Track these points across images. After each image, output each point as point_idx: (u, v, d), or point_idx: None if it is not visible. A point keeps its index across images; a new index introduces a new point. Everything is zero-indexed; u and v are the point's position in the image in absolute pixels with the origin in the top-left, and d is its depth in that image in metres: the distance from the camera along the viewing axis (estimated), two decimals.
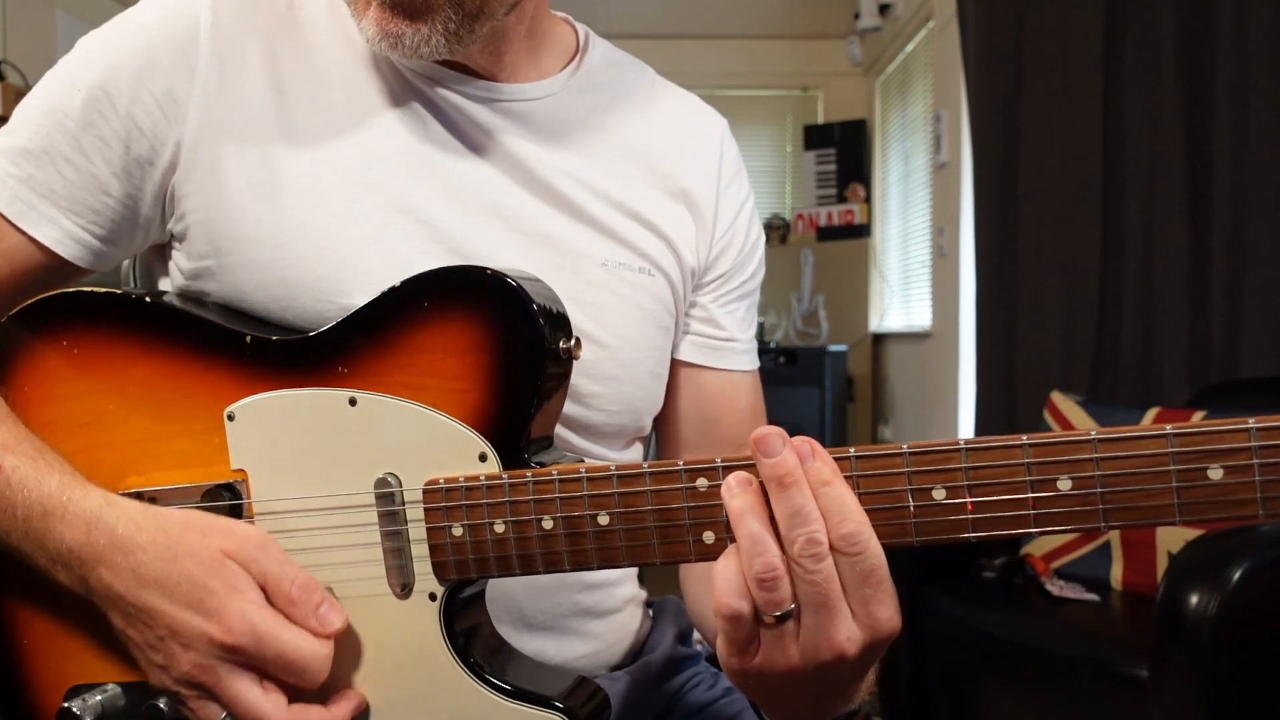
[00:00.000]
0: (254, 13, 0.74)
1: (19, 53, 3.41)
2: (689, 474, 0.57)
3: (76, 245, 0.73)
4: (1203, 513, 0.50)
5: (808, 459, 0.53)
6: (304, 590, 0.61)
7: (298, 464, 0.65)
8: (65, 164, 0.71)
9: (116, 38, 0.73)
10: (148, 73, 0.71)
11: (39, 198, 0.71)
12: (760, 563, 0.52)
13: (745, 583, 0.53)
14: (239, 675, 0.60)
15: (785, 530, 0.52)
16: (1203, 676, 1.49)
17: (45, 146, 0.71)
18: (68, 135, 0.71)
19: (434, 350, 0.64)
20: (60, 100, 0.71)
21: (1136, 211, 2.71)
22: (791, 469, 0.52)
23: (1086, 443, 0.51)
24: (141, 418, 0.68)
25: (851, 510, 0.52)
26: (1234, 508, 0.50)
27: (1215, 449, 0.49)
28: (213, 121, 0.72)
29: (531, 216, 0.77)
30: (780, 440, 0.53)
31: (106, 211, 0.73)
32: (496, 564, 0.62)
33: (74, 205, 0.72)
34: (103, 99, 0.71)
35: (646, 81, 0.89)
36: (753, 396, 0.90)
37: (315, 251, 0.72)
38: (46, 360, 0.70)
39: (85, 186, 0.72)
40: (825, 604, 0.52)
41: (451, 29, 0.69)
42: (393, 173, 0.74)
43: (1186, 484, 0.50)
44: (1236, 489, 0.49)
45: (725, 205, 0.87)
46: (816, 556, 0.51)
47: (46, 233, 0.72)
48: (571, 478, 0.60)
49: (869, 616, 0.52)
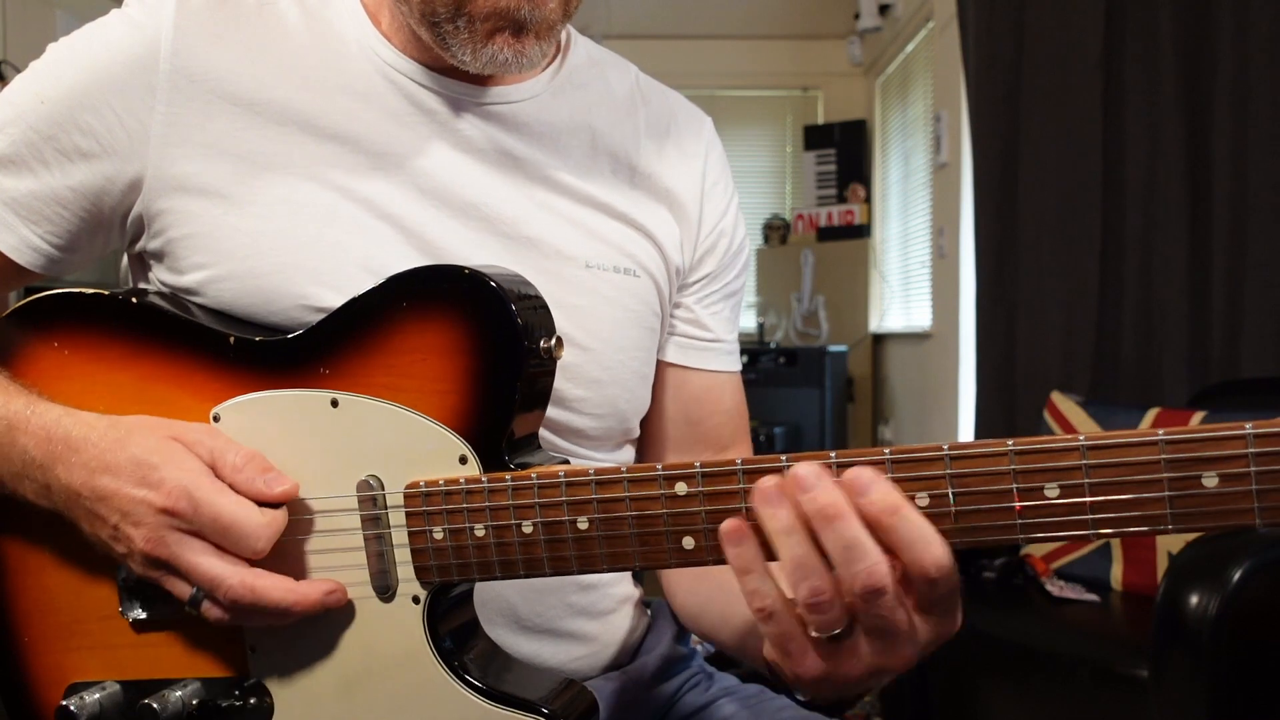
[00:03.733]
0: (222, 23, 0.73)
1: (19, 53, 3.40)
2: (667, 479, 0.56)
3: (33, 253, 0.74)
4: (1197, 521, 0.48)
5: (865, 491, 0.49)
6: (248, 459, 0.62)
7: (282, 465, 0.65)
8: (26, 174, 0.72)
9: (83, 51, 0.73)
10: (110, 89, 0.71)
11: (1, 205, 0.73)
12: (808, 587, 0.49)
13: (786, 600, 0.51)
14: (190, 541, 0.61)
15: (840, 566, 0.49)
16: (1203, 676, 1.49)
17: (9, 155, 0.72)
18: (30, 146, 0.72)
19: (414, 351, 0.64)
20: (25, 110, 0.72)
21: (1136, 211, 2.71)
22: (833, 501, 0.49)
23: (1074, 449, 0.49)
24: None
25: (932, 537, 0.49)
26: (1230, 516, 0.47)
27: (1210, 455, 0.47)
28: (179, 138, 0.71)
29: (512, 218, 0.77)
30: (815, 475, 0.50)
31: (62, 223, 0.74)
32: (478, 568, 0.61)
33: (32, 215, 0.73)
34: (64, 114, 0.71)
35: (630, 81, 0.88)
36: (737, 397, 0.90)
37: (292, 258, 0.71)
38: (38, 362, 0.70)
39: (43, 198, 0.72)
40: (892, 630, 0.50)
41: (550, 38, 0.72)
42: (370, 176, 0.73)
43: (1179, 492, 0.48)
44: (1233, 497, 0.47)
45: (711, 205, 0.87)
46: (879, 591, 0.48)
47: (3, 239, 0.73)
48: (550, 482, 0.59)
49: (940, 625, 0.51)
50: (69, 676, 0.70)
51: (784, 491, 0.51)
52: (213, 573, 0.60)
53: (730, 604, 0.74)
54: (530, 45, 0.70)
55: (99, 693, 0.68)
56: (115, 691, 0.68)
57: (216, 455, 0.62)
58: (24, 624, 0.71)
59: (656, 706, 0.87)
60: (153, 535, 0.60)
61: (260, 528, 0.61)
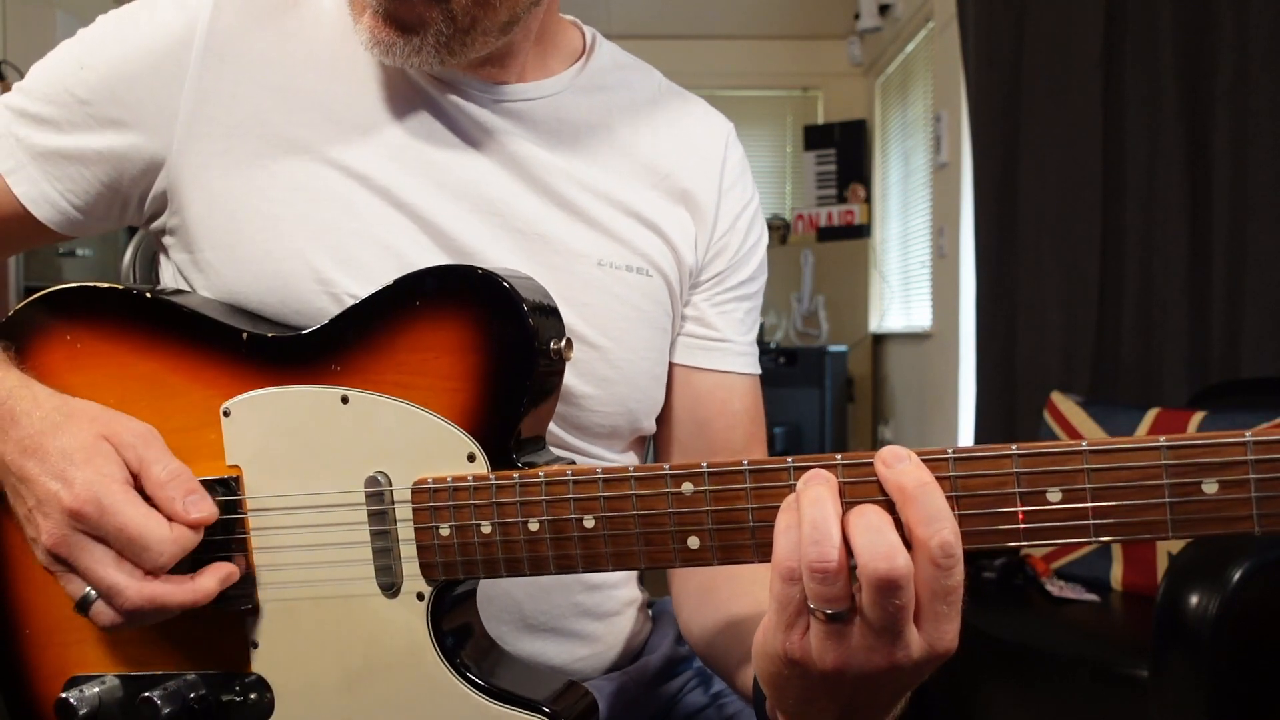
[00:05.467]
0: (256, 11, 0.76)
1: (19, 53, 3.41)
2: (674, 479, 0.56)
3: (50, 208, 0.76)
4: (1197, 528, 0.48)
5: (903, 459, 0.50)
6: (174, 476, 0.63)
7: (290, 461, 0.65)
8: (57, 133, 0.75)
9: (128, 25, 0.75)
10: (148, 67, 0.73)
11: (29, 158, 0.75)
12: (816, 551, 0.48)
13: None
14: (92, 546, 0.61)
15: (923, 533, 0.48)
16: (1203, 676, 1.49)
17: (45, 115, 0.75)
18: (65, 107, 0.74)
19: (425, 349, 0.64)
20: (66, 75, 0.75)
21: (1136, 211, 2.71)
22: (925, 475, 0.49)
23: (1077, 454, 0.50)
24: (142, 412, 0.68)
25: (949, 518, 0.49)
26: (1229, 523, 0.48)
27: (1210, 462, 0.48)
28: (206, 118, 0.73)
29: (527, 214, 0.77)
30: (906, 452, 0.50)
31: (83, 183, 0.76)
32: (483, 566, 0.62)
33: (56, 171, 0.75)
34: (101, 84, 0.74)
35: (653, 84, 0.89)
36: (748, 400, 0.89)
37: (309, 245, 0.72)
38: (50, 353, 0.71)
39: (70, 156, 0.75)
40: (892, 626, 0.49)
41: (443, 42, 0.70)
42: (388, 168, 0.74)
43: (1180, 499, 0.48)
44: (1232, 504, 0.48)
45: (727, 206, 0.87)
46: (953, 559, 0.48)
47: (25, 191, 0.75)
48: (557, 480, 0.59)
49: (936, 631, 0.49)
50: (69, 669, 0.70)
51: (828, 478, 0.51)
52: (110, 581, 0.60)
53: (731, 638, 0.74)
54: (392, 34, 0.69)
55: (98, 686, 0.68)
56: (115, 685, 0.69)
57: (144, 465, 0.63)
58: (26, 616, 0.71)
59: (658, 707, 0.87)
60: (56, 531, 0.60)
61: (165, 543, 0.60)
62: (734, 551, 0.56)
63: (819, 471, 0.52)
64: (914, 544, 0.49)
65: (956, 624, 0.50)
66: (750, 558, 0.56)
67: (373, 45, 0.70)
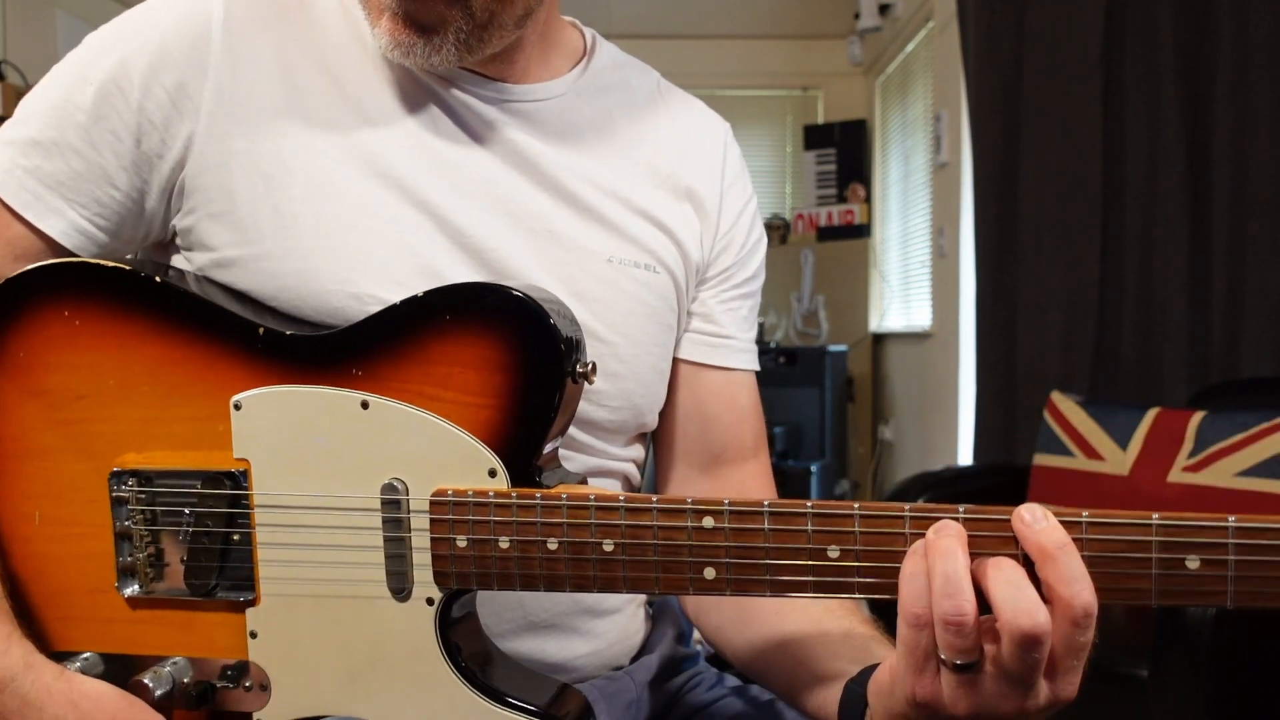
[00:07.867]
0: (266, 10, 0.75)
1: (19, 53, 3.41)
2: (696, 513, 0.58)
3: (80, 236, 0.73)
4: (1177, 598, 0.53)
5: (1041, 519, 0.53)
6: None
7: (302, 460, 0.65)
8: (74, 156, 0.72)
9: (130, 31, 0.74)
10: (160, 66, 0.72)
11: (46, 189, 0.72)
12: (951, 605, 0.51)
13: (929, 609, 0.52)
14: None
15: (1065, 592, 0.51)
16: (1203, 676, 1.49)
17: (55, 139, 0.72)
18: (78, 128, 0.72)
19: (453, 364, 0.65)
20: (71, 93, 0.72)
21: (1136, 211, 2.71)
22: (1064, 536, 0.52)
23: (1077, 524, 0.54)
24: (144, 397, 0.68)
25: (1088, 579, 0.52)
26: (1206, 596, 0.53)
27: (1195, 541, 0.53)
28: (225, 115, 0.73)
29: (537, 212, 0.78)
30: (1043, 511, 0.53)
31: (112, 204, 0.73)
32: (498, 579, 0.62)
33: (80, 197, 0.73)
34: (114, 92, 0.72)
35: (651, 84, 0.90)
36: (752, 397, 0.91)
37: (327, 242, 0.73)
38: (44, 328, 0.69)
39: (93, 179, 0.72)
40: (1024, 678, 0.51)
41: (462, 39, 0.71)
42: (402, 167, 0.75)
43: (1165, 571, 0.53)
44: (1210, 580, 0.53)
45: (729, 204, 0.88)
46: (1091, 619, 0.51)
47: (52, 224, 0.72)
48: (580, 504, 0.60)
49: (1064, 682, 0.53)
50: (51, 646, 0.69)
51: (959, 532, 0.54)
52: None
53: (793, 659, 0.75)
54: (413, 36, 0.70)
55: (79, 663, 0.68)
56: (95, 662, 0.69)
57: None
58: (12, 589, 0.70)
59: (658, 705, 0.87)
60: None
61: None
62: (748, 585, 0.59)
63: (949, 523, 0.54)
64: (1053, 602, 0.51)
65: (1080, 675, 0.53)
66: (763, 592, 0.58)
67: (392, 48, 0.70)
